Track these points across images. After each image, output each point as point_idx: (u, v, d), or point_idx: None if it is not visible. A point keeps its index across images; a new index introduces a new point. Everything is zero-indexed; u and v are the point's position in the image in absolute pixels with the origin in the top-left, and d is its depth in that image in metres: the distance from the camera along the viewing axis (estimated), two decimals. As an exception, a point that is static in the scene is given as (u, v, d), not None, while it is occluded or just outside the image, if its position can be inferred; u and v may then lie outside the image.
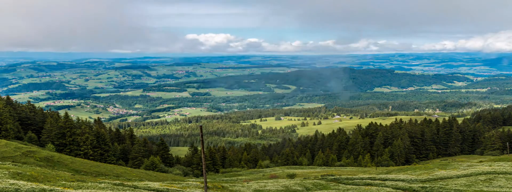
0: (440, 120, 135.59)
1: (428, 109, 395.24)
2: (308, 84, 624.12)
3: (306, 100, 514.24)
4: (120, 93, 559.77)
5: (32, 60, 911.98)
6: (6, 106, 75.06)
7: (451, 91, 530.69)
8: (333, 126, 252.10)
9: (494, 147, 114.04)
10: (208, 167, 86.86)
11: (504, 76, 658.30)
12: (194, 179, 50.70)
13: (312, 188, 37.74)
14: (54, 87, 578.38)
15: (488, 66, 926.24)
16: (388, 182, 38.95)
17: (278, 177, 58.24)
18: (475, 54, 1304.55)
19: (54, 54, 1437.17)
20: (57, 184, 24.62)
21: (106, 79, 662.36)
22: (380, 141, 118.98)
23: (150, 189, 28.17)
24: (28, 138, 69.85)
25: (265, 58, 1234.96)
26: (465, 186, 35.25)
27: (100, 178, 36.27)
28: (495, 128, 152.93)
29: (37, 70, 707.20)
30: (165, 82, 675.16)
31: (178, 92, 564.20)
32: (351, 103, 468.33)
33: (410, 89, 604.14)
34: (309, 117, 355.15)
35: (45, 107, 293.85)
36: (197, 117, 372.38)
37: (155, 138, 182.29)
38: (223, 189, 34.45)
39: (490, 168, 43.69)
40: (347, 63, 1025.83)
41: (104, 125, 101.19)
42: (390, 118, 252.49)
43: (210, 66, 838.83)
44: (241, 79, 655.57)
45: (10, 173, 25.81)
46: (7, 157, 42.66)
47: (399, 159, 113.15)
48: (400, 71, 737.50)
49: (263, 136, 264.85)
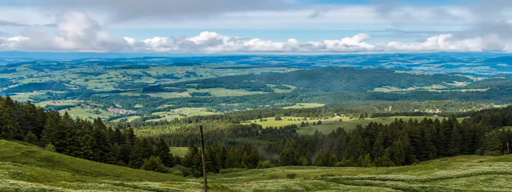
0: (440, 120, 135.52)
1: (428, 109, 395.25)
2: (308, 84, 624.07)
3: (306, 100, 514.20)
4: (120, 93, 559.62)
5: (32, 60, 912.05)
6: (6, 106, 75.03)
7: (451, 91, 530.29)
8: (333, 126, 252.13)
9: (494, 147, 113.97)
10: (208, 167, 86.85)
11: (504, 76, 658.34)
12: (194, 179, 50.69)
13: (312, 188, 37.74)
14: (54, 87, 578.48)
15: (488, 66, 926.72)
16: (388, 182, 38.94)
17: (278, 177, 58.23)
18: (475, 54, 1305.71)
19: (54, 54, 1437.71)
20: (57, 184, 24.62)
21: (106, 79, 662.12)
22: (380, 141, 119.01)
23: (150, 189, 28.17)
24: (28, 138, 69.82)
25: (265, 58, 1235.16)
26: (465, 186, 35.24)
27: (100, 178, 36.27)
28: (495, 128, 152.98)
29: (37, 70, 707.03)
30: (165, 82, 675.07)
31: (178, 92, 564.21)
32: (351, 103, 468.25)
33: (410, 89, 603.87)
34: (309, 117, 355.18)
35: (45, 107, 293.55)
36: (197, 117, 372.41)
37: (155, 138, 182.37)
38: (223, 189, 34.44)
39: (490, 168, 43.68)
40: (347, 63, 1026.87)
41: (104, 125, 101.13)
42: (390, 118, 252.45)
43: (210, 66, 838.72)
44: (241, 79, 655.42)
45: (10, 173, 25.81)
46: (7, 157, 42.65)
47: (399, 159, 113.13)
48: (400, 71, 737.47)
49: (263, 136, 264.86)
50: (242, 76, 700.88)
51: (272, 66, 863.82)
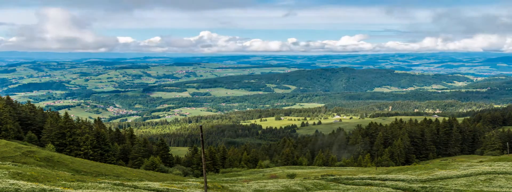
0: (440, 120, 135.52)
1: (428, 109, 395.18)
2: (308, 84, 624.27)
3: (306, 100, 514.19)
4: (120, 93, 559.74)
5: (32, 60, 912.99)
6: (6, 106, 75.03)
7: (451, 91, 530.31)
8: (333, 126, 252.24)
9: (494, 147, 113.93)
10: (208, 167, 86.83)
11: (504, 76, 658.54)
12: (194, 179, 50.69)
13: (312, 188, 37.74)
14: (54, 87, 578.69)
15: (488, 66, 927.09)
16: (388, 182, 38.94)
17: (278, 177, 58.22)
18: (475, 54, 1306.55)
19: (54, 54, 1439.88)
20: (57, 184, 24.61)
21: (106, 79, 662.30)
22: (380, 141, 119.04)
23: (150, 189, 28.16)
24: (28, 138, 69.80)
25: (265, 58, 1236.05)
26: (465, 186, 35.23)
27: (100, 178, 36.26)
28: (495, 128, 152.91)
29: (37, 70, 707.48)
30: (165, 82, 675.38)
31: (178, 92, 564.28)
32: (351, 103, 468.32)
33: (410, 89, 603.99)
34: (309, 117, 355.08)
35: (45, 107, 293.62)
36: (197, 117, 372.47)
37: (155, 138, 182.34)
38: (223, 189, 34.44)
39: (490, 168, 43.67)
40: (347, 63, 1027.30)
41: (104, 125, 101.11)
42: (390, 118, 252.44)
43: (210, 66, 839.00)
44: (241, 79, 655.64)
45: (10, 173, 25.80)
46: (7, 157, 42.65)
47: (399, 159, 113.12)
48: (400, 71, 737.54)
49: (263, 136, 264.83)
50: (242, 76, 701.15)
51: (272, 66, 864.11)
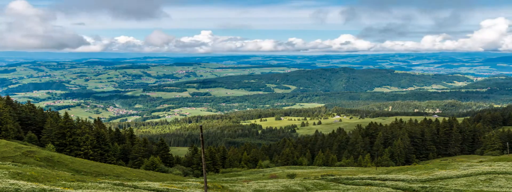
0: (440, 120, 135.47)
1: (428, 109, 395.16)
2: (308, 84, 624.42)
3: (306, 100, 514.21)
4: (120, 93, 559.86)
5: (32, 60, 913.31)
6: (6, 106, 75.01)
7: (451, 91, 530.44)
8: (333, 126, 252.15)
9: (494, 147, 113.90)
10: (208, 167, 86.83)
11: (504, 76, 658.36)
12: (194, 179, 50.71)
13: (312, 188, 37.75)
14: (54, 87, 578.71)
15: (488, 66, 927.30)
16: (388, 182, 38.94)
17: (278, 177, 58.22)
18: (475, 54, 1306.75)
19: (54, 54, 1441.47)
20: (57, 184, 24.62)
21: (106, 79, 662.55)
22: (380, 141, 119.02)
23: (150, 189, 28.17)
24: (28, 138, 69.78)
25: (265, 58, 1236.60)
26: (465, 186, 35.23)
27: (100, 178, 36.27)
28: (495, 128, 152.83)
29: (37, 70, 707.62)
30: (165, 82, 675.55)
31: (178, 92, 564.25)
32: (351, 103, 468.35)
33: (410, 89, 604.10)
34: (309, 117, 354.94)
35: (45, 107, 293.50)
36: (197, 117, 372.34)
37: (155, 138, 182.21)
38: (223, 189, 34.45)
39: (490, 168, 43.67)
40: (347, 63, 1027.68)
41: (104, 125, 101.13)
42: (390, 118, 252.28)
43: (210, 66, 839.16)
44: (241, 79, 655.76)
45: (10, 173, 25.80)
46: (7, 157, 42.65)
47: (399, 159, 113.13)
48: (400, 71, 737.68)
49: (263, 136, 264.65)
50: (242, 76, 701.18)
51: (272, 66, 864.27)
